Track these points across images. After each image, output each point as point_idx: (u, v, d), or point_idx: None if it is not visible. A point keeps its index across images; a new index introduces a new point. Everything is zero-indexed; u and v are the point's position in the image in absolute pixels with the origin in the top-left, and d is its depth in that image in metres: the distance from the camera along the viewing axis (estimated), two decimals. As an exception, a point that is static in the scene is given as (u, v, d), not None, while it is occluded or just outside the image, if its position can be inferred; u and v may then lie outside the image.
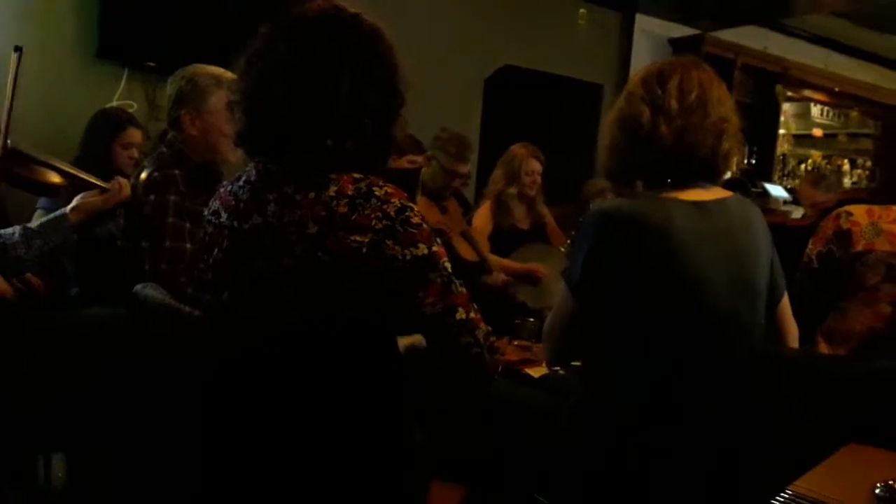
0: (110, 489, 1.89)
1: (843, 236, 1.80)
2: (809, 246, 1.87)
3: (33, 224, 1.93)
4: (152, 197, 2.00)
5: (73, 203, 1.96)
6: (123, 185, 2.01)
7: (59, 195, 2.08)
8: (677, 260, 1.38)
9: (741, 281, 1.45)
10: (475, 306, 1.20)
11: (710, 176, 1.49)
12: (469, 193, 4.12)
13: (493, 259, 3.18)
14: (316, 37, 1.19)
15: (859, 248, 1.78)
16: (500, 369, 1.22)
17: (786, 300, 1.58)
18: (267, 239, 1.17)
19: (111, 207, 2.01)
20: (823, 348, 1.92)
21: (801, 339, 1.65)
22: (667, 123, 1.43)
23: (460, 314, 1.17)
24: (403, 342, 1.27)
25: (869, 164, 7.43)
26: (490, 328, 1.21)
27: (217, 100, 2.03)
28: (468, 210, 3.33)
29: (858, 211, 1.83)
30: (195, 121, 2.07)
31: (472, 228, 3.26)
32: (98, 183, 2.02)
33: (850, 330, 1.79)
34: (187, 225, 1.98)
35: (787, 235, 1.91)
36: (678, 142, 1.43)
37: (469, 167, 3.17)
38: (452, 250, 2.99)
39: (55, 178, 2.01)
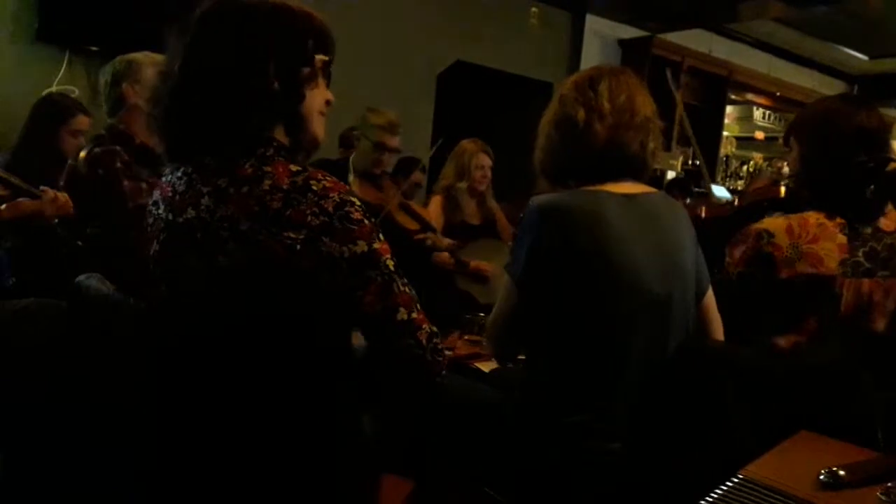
0: (47, 487, 1.83)
1: (765, 261, 1.71)
2: (728, 259, 1.78)
3: None
4: (100, 171, 2.04)
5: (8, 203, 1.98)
6: (60, 200, 2.01)
7: None
8: (613, 247, 1.44)
9: (671, 268, 1.51)
10: (419, 307, 1.15)
11: (637, 173, 1.57)
12: (421, 190, 4.11)
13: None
14: (233, 30, 1.13)
15: (783, 275, 1.69)
16: (443, 371, 1.17)
17: (710, 293, 1.64)
18: (199, 234, 1.13)
19: (48, 218, 2.02)
20: None
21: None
22: (600, 121, 1.51)
23: (401, 314, 1.12)
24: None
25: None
26: (435, 329, 1.16)
27: (153, 72, 2.04)
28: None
29: (779, 230, 1.71)
30: (137, 88, 2.13)
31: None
32: (32, 191, 2.03)
33: (775, 345, 1.73)
34: (142, 185, 2.03)
35: (705, 227, 1.85)
36: (610, 139, 1.51)
37: (398, 141, 3.07)
38: (395, 223, 2.96)
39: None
